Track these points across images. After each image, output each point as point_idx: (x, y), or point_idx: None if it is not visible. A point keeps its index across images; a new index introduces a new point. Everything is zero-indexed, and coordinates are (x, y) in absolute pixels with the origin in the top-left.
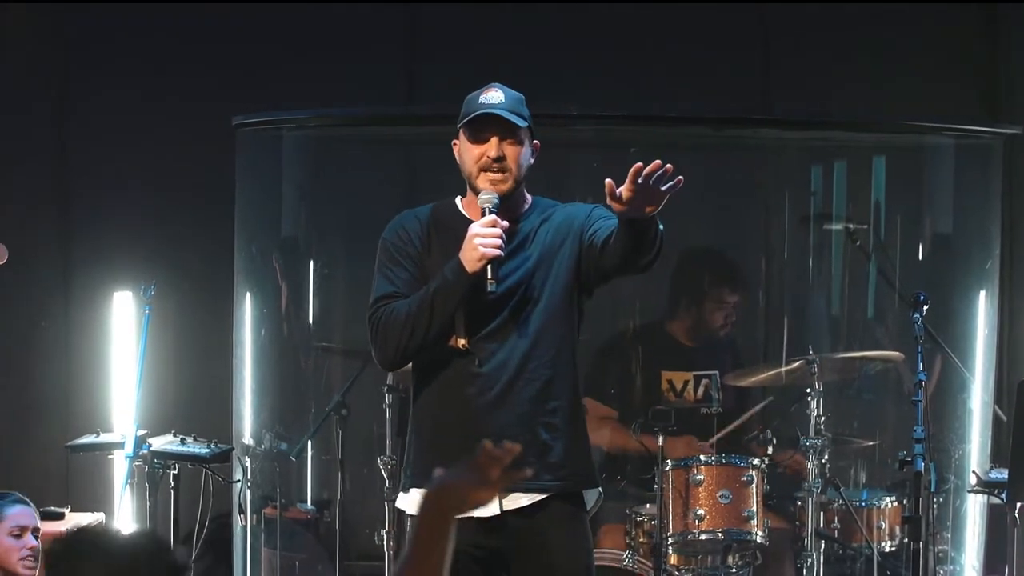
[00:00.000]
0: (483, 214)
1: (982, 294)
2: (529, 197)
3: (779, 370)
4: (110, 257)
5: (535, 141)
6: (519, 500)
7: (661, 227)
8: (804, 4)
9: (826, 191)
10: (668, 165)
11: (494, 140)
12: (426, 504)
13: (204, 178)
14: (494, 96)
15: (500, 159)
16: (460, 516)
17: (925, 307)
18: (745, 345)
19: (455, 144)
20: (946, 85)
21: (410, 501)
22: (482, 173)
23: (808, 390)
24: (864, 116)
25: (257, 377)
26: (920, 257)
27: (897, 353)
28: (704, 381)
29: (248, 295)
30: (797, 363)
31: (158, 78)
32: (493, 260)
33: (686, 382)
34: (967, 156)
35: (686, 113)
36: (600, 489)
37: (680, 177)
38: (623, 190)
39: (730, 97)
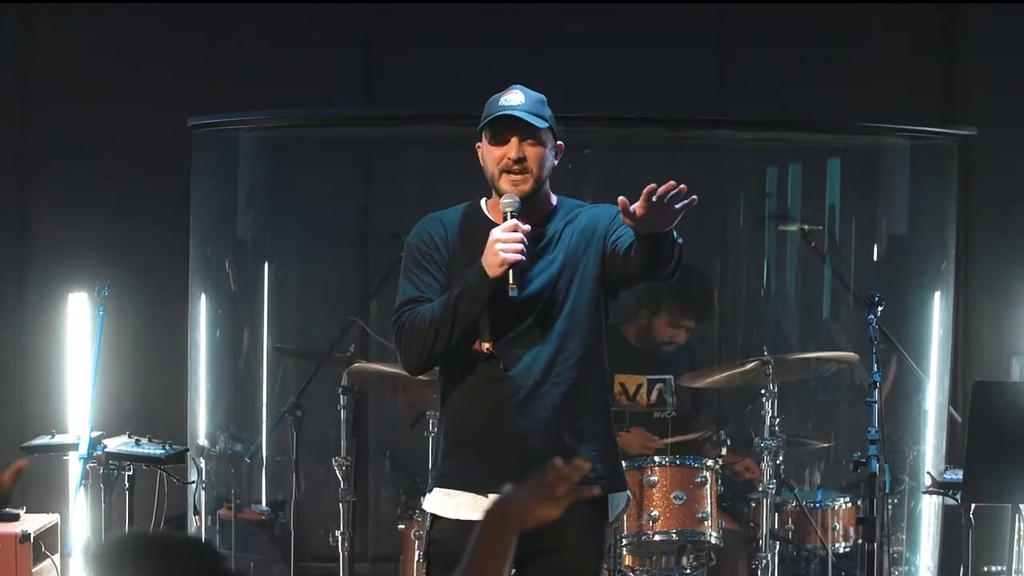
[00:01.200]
0: (505, 218)
1: (937, 295)
2: (555, 198)
3: (734, 371)
4: (65, 258)
5: (559, 142)
6: None
7: (680, 240)
8: (760, 5)
9: (781, 192)
10: (682, 185)
11: (514, 141)
12: (489, 517)
13: (160, 179)
14: (514, 97)
15: (520, 160)
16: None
17: (880, 308)
18: (700, 346)
19: (478, 147)
20: (902, 86)
21: (433, 501)
22: (504, 175)
23: (763, 391)
24: (819, 117)
25: (212, 378)
26: (875, 258)
27: (852, 354)
28: (658, 385)
29: (203, 296)
30: (752, 364)
31: (116, 79)
32: (515, 265)
33: (639, 386)
34: (922, 157)
35: (642, 114)
36: (628, 493)
37: (695, 197)
38: (636, 207)
39: (686, 98)
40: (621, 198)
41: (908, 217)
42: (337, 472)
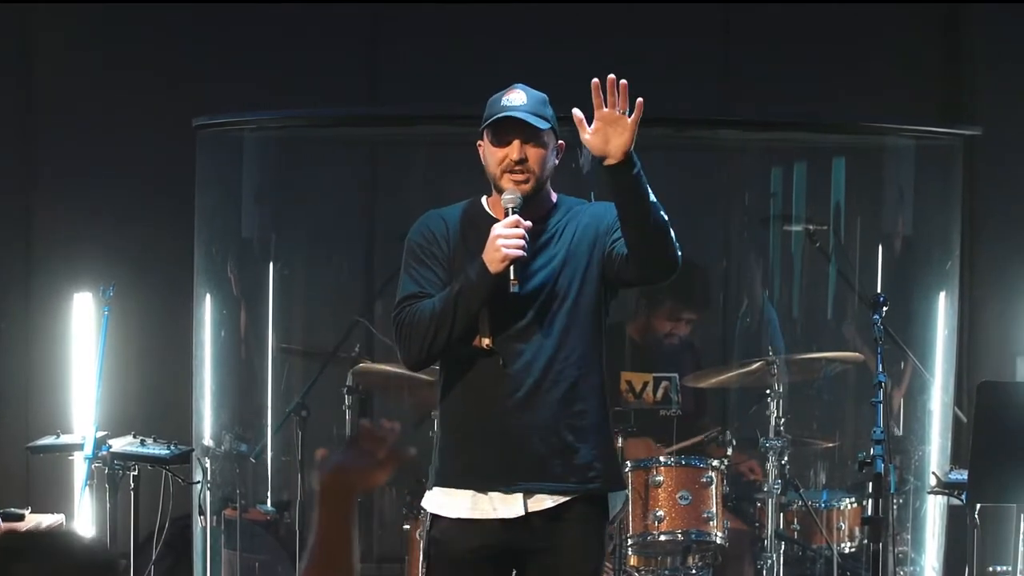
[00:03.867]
0: (506, 214)
1: (942, 295)
2: (555, 195)
3: (738, 372)
4: (70, 258)
5: (560, 141)
6: (543, 502)
7: (666, 218)
8: (765, 5)
9: (786, 192)
10: (623, 81)
11: (516, 143)
12: (324, 489)
13: (165, 179)
14: (516, 98)
15: (522, 161)
16: (479, 518)
17: (885, 308)
18: (705, 346)
19: (479, 145)
20: (906, 86)
21: (433, 500)
22: (505, 175)
23: (768, 391)
24: (824, 117)
25: (217, 378)
26: (880, 258)
27: (857, 354)
28: (663, 383)
29: (208, 296)
30: (757, 364)
31: (120, 79)
32: (516, 261)
33: (645, 383)
34: (927, 157)
35: (646, 114)
36: (628, 491)
37: (640, 100)
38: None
39: (690, 98)
40: (575, 110)
41: (913, 217)
42: None
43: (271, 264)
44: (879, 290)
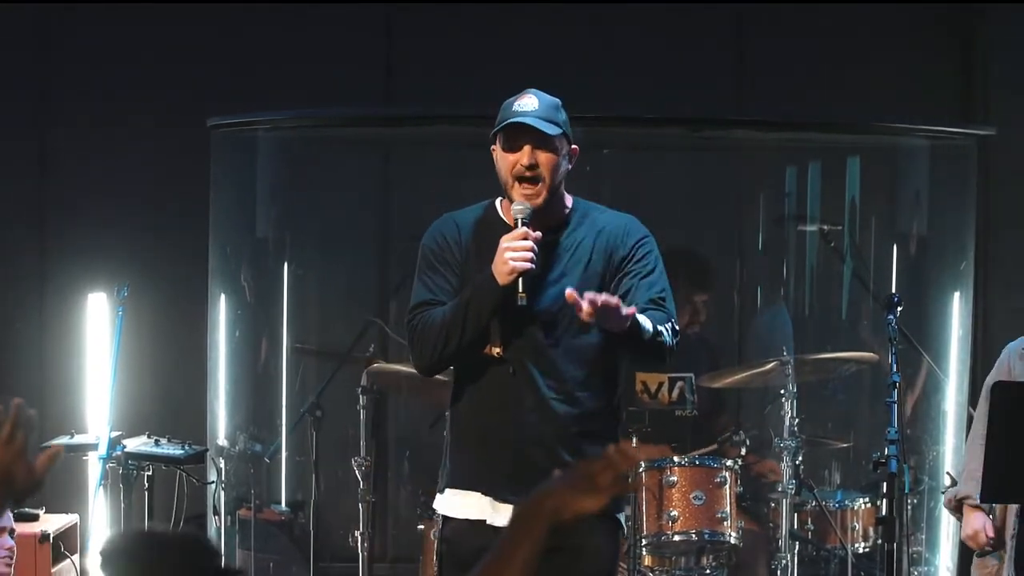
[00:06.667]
0: (515, 225)
1: (956, 295)
2: (570, 200)
3: (753, 372)
4: (84, 258)
5: (573, 146)
6: None
7: (666, 337)
8: (780, 5)
9: (800, 192)
10: (603, 299)
11: (527, 148)
12: (523, 506)
13: (179, 179)
14: (528, 103)
15: (533, 167)
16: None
17: (899, 308)
18: (719, 346)
19: (493, 150)
20: (921, 86)
21: (444, 501)
22: (516, 183)
23: (782, 391)
24: (839, 117)
25: (231, 378)
26: (894, 258)
27: (871, 354)
28: (679, 383)
29: (222, 296)
30: (771, 364)
31: (134, 80)
32: (524, 273)
33: (660, 384)
34: (942, 157)
35: (662, 114)
36: (622, 516)
37: (633, 308)
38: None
39: (705, 98)
40: (568, 291)
41: (927, 217)
42: (356, 472)
43: (286, 264)
44: (893, 290)
